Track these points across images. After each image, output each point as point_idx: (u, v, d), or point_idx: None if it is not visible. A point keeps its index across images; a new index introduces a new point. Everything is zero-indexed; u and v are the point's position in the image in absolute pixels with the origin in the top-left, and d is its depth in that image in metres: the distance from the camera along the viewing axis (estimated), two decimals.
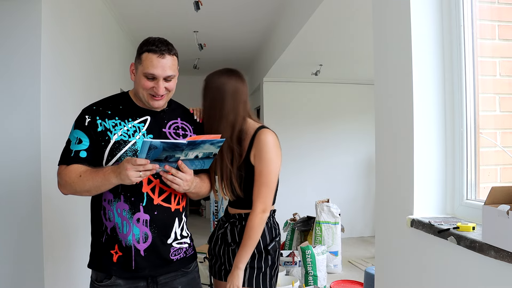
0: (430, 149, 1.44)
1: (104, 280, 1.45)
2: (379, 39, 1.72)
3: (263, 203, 1.56)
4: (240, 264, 1.55)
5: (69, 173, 1.39)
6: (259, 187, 1.57)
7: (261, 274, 1.62)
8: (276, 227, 1.69)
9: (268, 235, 1.64)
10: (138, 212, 1.42)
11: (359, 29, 3.51)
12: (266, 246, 1.62)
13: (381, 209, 1.70)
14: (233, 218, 1.67)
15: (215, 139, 1.35)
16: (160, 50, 1.40)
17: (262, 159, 1.57)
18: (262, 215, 1.56)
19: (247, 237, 1.55)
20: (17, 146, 2.16)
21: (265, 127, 1.63)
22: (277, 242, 1.67)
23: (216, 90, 1.59)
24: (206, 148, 1.36)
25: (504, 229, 0.99)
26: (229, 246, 1.66)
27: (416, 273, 1.44)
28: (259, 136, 1.59)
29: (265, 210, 1.57)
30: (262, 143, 1.57)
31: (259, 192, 1.57)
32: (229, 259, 1.66)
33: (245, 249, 1.55)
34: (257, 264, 1.61)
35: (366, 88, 5.75)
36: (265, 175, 1.57)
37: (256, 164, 1.58)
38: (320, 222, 4.37)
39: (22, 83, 2.18)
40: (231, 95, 1.58)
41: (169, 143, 1.26)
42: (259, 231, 1.57)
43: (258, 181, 1.57)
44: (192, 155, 1.36)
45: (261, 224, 1.57)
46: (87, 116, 1.45)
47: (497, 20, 1.42)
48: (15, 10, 2.17)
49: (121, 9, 3.85)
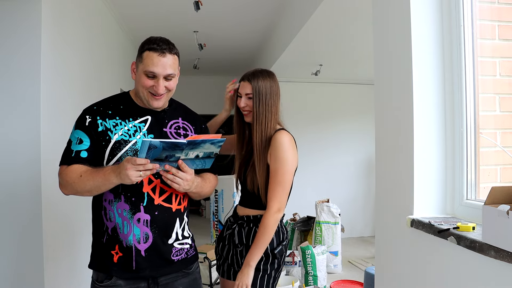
0: (430, 149, 1.44)
1: (104, 281, 1.45)
2: (379, 39, 1.72)
3: (279, 202, 1.57)
4: (251, 262, 1.55)
5: (70, 173, 1.39)
6: (274, 186, 1.57)
7: (266, 276, 1.62)
8: (284, 231, 1.70)
9: (275, 238, 1.64)
10: (138, 212, 1.42)
11: (359, 29, 3.51)
12: (273, 249, 1.62)
13: (381, 209, 1.70)
14: (241, 220, 1.68)
15: (215, 139, 1.35)
16: (161, 48, 1.40)
17: (278, 158, 1.58)
18: (277, 215, 1.57)
19: (261, 235, 1.56)
20: (17, 147, 2.16)
21: (283, 129, 1.66)
22: (284, 246, 1.67)
23: (267, 89, 1.66)
24: (206, 148, 1.36)
25: (504, 229, 0.99)
26: (236, 247, 1.66)
27: (416, 273, 1.44)
28: (275, 136, 1.61)
29: (280, 210, 1.58)
30: (278, 143, 1.59)
31: (274, 192, 1.57)
32: (237, 260, 1.66)
33: (258, 247, 1.56)
34: (263, 267, 1.61)
35: (366, 88, 5.75)
36: (280, 175, 1.57)
37: (272, 163, 1.59)
38: (320, 222, 4.37)
39: (22, 84, 2.17)
40: (277, 96, 1.70)
41: (169, 142, 1.26)
42: (273, 230, 1.57)
43: (274, 180, 1.58)
44: (192, 155, 1.35)
45: (275, 223, 1.57)
46: (88, 116, 1.45)
47: (497, 20, 1.42)
48: (15, 10, 2.17)
49: (121, 9, 3.85)
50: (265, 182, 1.61)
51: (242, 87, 1.68)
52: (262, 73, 1.69)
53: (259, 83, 1.65)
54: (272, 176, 1.58)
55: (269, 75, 1.70)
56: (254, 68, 1.73)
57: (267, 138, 1.62)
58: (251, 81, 1.65)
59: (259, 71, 1.70)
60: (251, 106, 1.66)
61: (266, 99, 1.65)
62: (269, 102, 1.65)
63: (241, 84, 1.69)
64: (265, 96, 1.65)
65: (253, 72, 1.69)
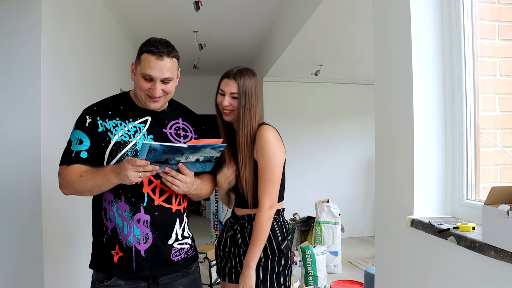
0: (430, 149, 1.44)
1: (104, 281, 1.45)
2: (379, 39, 1.72)
3: (270, 199, 1.56)
4: (251, 263, 1.54)
5: (70, 173, 1.39)
6: (264, 183, 1.56)
7: (275, 275, 1.60)
8: (287, 226, 1.68)
9: (279, 234, 1.62)
10: (138, 213, 1.42)
11: (359, 29, 3.51)
12: (279, 245, 1.61)
13: (381, 209, 1.70)
14: (242, 220, 1.66)
15: (216, 144, 1.35)
16: (159, 52, 1.39)
17: (265, 155, 1.56)
18: (270, 211, 1.55)
19: (257, 234, 1.54)
20: (17, 147, 2.16)
21: (265, 124, 1.63)
22: (289, 241, 1.65)
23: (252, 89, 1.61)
24: (207, 152, 1.36)
25: (504, 229, 0.99)
26: (240, 248, 1.64)
27: (416, 273, 1.44)
28: (259, 132, 1.59)
29: (272, 206, 1.56)
30: (264, 140, 1.57)
31: (265, 189, 1.56)
32: (240, 261, 1.64)
33: (256, 247, 1.54)
34: (271, 265, 1.59)
35: (366, 88, 5.75)
36: (269, 171, 1.56)
37: (259, 160, 1.58)
38: (320, 222, 4.37)
39: (22, 84, 2.17)
40: (259, 93, 1.64)
41: (169, 146, 1.26)
42: (268, 227, 1.56)
43: (263, 177, 1.56)
44: (193, 158, 1.35)
45: (269, 220, 1.56)
46: (88, 116, 1.45)
47: (497, 20, 1.42)
48: (15, 10, 2.17)
49: (121, 9, 3.85)
50: (253, 179, 1.59)
51: (226, 85, 1.61)
52: (247, 71, 1.63)
53: (246, 82, 1.60)
54: (261, 173, 1.57)
55: (253, 73, 1.66)
56: (236, 66, 1.67)
57: (252, 136, 1.59)
58: (237, 80, 1.59)
59: (244, 70, 1.63)
60: (234, 106, 1.60)
61: (251, 99, 1.60)
62: (254, 102, 1.61)
63: (225, 81, 1.62)
64: (250, 95, 1.60)
65: (239, 70, 1.62)
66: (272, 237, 1.60)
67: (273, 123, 1.67)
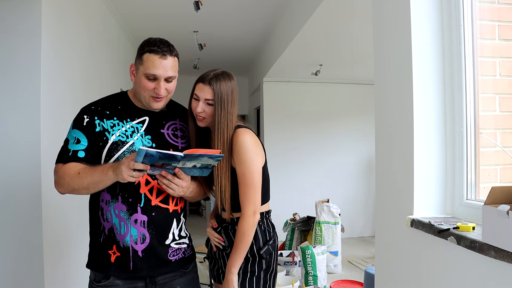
0: (430, 149, 1.44)
1: (102, 281, 1.45)
2: (379, 39, 1.72)
3: (253, 204, 1.52)
4: (232, 268, 1.51)
5: (67, 171, 1.39)
6: (245, 190, 1.52)
7: (254, 278, 1.57)
8: (271, 230, 1.63)
9: (261, 238, 1.59)
10: (135, 213, 1.42)
11: (359, 29, 3.51)
12: (259, 249, 1.57)
13: (381, 209, 1.70)
14: (225, 223, 1.63)
15: (214, 154, 1.34)
16: (162, 51, 1.40)
17: (242, 161, 1.51)
18: (253, 218, 1.51)
19: (239, 241, 1.51)
20: (17, 146, 2.16)
21: (241, 126, 1.57)
22: (270, 246, 1.60)
23: (229, 95, 1.54)
24: (204, 161, 1.35)
25: (504, 229, 0.98)
26: (224, 250, 1.63)
27: (416, 273, 1.44)
28: (235, 138, 1.52)
29: (256, 211, 1.52)
30: (239, 146, 1.51)
31: (246, 195, 1.52)
32: (224, 262, 1.62)
33: (237, 253, 1.51)
34: (250, 268, 1.57)
35: (366, 88, 5.75)
36: (249, 178, 1.51)
37: (237, 167, 1.53)
38: (320, 222, 4.37)
39: (22, 83, 2.17)
40: (237, 96, 1.57)
41: (166, 154, 1.25)
42: (251, 234, 1.52)
43: (243, 184, 1.52)
44: (190, 165, 1.35)
45: (252, 227, 1.52)
46: (86, 116, 1.45)
47: (497, 20, 1.42)
48: (15, 10, 2.17)
49: (121, 9, 3.85)
50: (230, 188, 1.54)
51: (201, 90, 1.52)
52: (223, 76, 1.55)
53: (222, 88, 1.52)
54: (241, 180, 1.52)
55: (230, 77, 1.57)
56: (212, 70, 1.58)
57: (229, 144, 1.53)
58: (212, 85, 1.51)
59: (220, 74, 1.54)
60: (208, 113, 1.52)
61: (227, 106, 1.52)
62: (230, 109, 1.53)
63: (200, 86, 1.53)
64: (226, 102, 1.52)
65: (215, 75, 1.53)
66: (253, 240, 1.56)
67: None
